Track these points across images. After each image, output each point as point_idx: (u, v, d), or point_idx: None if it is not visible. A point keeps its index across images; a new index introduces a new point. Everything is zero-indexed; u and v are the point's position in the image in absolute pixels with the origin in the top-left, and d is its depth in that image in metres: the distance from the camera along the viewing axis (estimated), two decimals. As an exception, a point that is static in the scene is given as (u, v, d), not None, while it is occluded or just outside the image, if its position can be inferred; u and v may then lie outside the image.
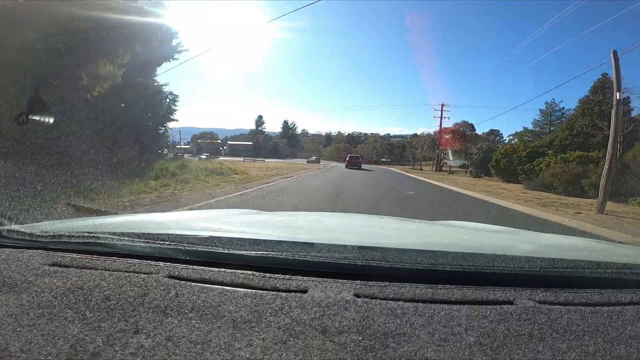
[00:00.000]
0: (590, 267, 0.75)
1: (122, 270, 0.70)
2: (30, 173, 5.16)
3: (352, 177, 17.00)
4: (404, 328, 0.54)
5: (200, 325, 0.53)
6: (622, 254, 1.01)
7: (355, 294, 0.63)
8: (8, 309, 0.56)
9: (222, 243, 0.77)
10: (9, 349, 0.47)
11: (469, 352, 0.50)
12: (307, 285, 0.66)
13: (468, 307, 0.61)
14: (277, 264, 0.72)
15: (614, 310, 0.63)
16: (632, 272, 0.75)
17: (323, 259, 0.72)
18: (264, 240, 0.80)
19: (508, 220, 6.48)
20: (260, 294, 0.62)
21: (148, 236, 0.79)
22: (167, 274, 0.69)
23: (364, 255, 0.74)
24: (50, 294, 0.60)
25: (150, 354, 0.47)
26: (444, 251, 0.76)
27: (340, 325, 0.54)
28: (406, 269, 0.71)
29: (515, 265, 0.74)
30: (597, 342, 0.54)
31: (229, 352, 0.48)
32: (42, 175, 5.30)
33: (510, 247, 1.05)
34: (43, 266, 0.70)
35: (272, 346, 0.49)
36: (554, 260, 0.76)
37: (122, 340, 0.49)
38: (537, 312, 0.60)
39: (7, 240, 0.82)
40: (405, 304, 0.61)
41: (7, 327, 0.51)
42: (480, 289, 0.67)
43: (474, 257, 0.76)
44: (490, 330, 0.55)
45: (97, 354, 0.47)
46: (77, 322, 0.53)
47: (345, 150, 59.41)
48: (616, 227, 6.16)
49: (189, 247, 0.76)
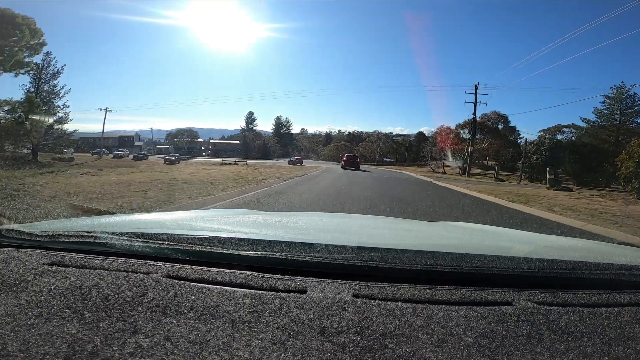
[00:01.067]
0: (589, 268, 0.75)
1: (120, 270, 0.70)
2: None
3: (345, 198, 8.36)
4: (402, 329, 0.55)
5: (199, 325, 0.53)
6: (620, 255, 1.01)
7: (354, 295, 0.63)
8: (6, 308, 0.56)
9: (221, 243, 0.77)
10: (7, 349, 0.47)
11: (468, 353, 0.50)
12: (306, 285, 0.66)
13: (467, 307, 0.61)
14: (276, 264, 0.72)
15: (613, 312, 0.63)
16: (630, 273, 0.75)
17: (322, 259, 0.73)
18: (263, 240, 0.80)
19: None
20: (259, 294, 0.62)
21: (147, 236, 0.79)
22: (165, 273, 0.69)
23: (363, 256, 0.74)
24: (48, 294, 0.60)
25: (149, 353, 0.47)
26: (442, 252, 0.76)
27: (339, 326, 0.54)
28: (405, 269, 0.71)
29: (514, 266, 0.74)
30: (596, 344, 0.54)
31: (227, 352, 0.48)
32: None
33: (509, 248, 1.05)
34: (42, 265, 0.70)
35: (271, 346, 0.49)
36: (552, 262, 0.76)
37: (120, 340, 0.49)
38: (535, 313, 0.60)
39: (6, 239, 0.82)
40: (404, 304, 0.61)
41: (5, 326, 0.51)
42: (479, 290, 0.67)
43: (472, 258, 0.76)
44: (488, 331, 0.55)
45: (96, 354, 0.47)
46: (76, 321, 0.53)
47: (345, 149, 54.14)
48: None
49: (188, 247, 0.76)
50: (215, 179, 12.71)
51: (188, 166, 19.72)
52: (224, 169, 21.03)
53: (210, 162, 29.83)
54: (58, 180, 10.73)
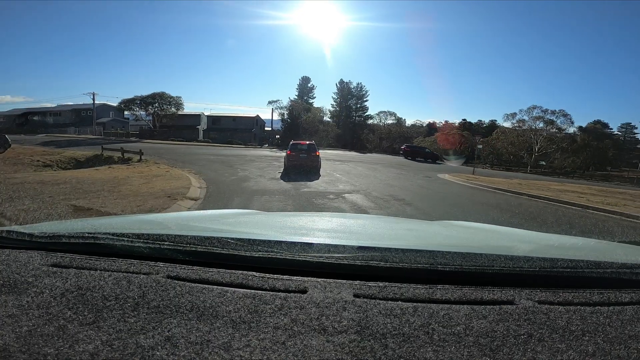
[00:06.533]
0: (590, 266, 0.75)
1: (121, 270, 0.70)
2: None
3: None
4: (403, 328, 0.55)
5: (199, 325, 0.54)
6: (622, 253, 1.01)
7: (355, 294, 0.63)
8: (7, 309, 0.56)
9: (221, 243, 0.77)
10: (8, 350, 0.47)
11: (468, 353, 0.50)
12: (306, 285, 0.66)
13: (467, 307, 0.61)
14: (276, 264, 0.72)
15: (614, 310, 0.63)
16: (631, 271, 0.75)
17: (322, 259, 0.72)
18: (263, 240, 0.80)
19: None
20: (260, 295, 0.62)
21: (147, 237, 0.80)
22: (166, 274, 0.69)
23: (363, 256, 0.74)
24: (49, 295, 0.60)
25: (149, 354, 0.47)
26: (443, 251, 0.76)
27: (339, 326, 0.54)
28: (405, 269, 0.71)
29: (514, 265, 0.73)
30: (597, 342, 0.54)
31: (227, 352, 0.48)
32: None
33: (509, 247, 1.05)
34: (42, 267, 0.71)
35: (271, 346, 0.50)
36: (553, 260, 0.76)
37: (121, 341, 0.50)
38: (536, 312, 0.60)
39: (7, 240, 0.82)
40: (405, 304, 0.61)
41: (6, 327, 0.51)
42: (480, 289, 0.67)
43: (473, 257, 0.76)
44: (489, 330, 0.55)
45: (96, 354, 0.47)
46: (76, 322, 0.53)
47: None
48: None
49: (188, 248, 0.76)
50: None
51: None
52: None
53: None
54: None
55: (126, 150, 15.14)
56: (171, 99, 42.50)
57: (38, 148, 20.26)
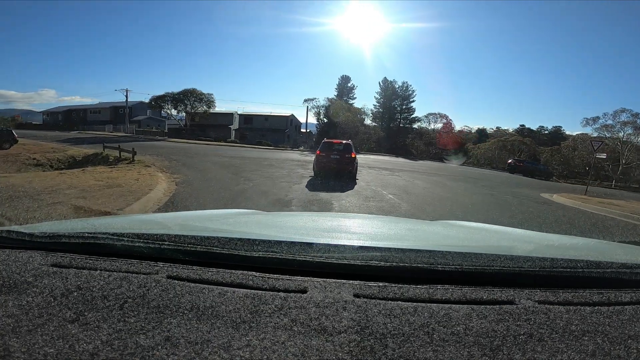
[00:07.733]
0: (590, 266, 0.75)
1: (121, 270, 0.70)
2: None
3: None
4: (403, 328, 0.55)
5: (199, 325, 0.54)
6: (621, 253, 1.02)
7: (355, 294, 0.64)
8: (7, 309, 0.56)
9: (221, 243, 0.77)
10: (8, 350, 0.47)
11: (468, 352, 0.50)
12: (307, 285, 0.66)
13: (467, 307, 0.61)
14: (276, 264, 0.73)
15: (614, 310, 0.63)
16: (631, 271, 0.75)
17: (322, 259, 0.73)
18: (263, 240, 0.80)
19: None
20: (260, 294, 0.62)
21: (147, 236, 0.80)
22: (166, 274, 0.69)
23: (363, 256, 0.74)
24: (49, 295, 0.60)
25: (149, 354, 0.47)
26: (443, 251, 0.76)
27: (339, 326, 0.55)
28: (405, 269, 0.71)
29: (514, 265, 0.74)
30: (597, 342, 0.54)
31: (227, 352, 0.48)
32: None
33: (510, 247, 1.06)
34: (42, 267, 0.70)
35: (271, 346, 0.50)
36: (553, 260, 0.76)
37: (121, 341, 0.49)
38: (536, 312, 0.61)
39: (7, 240, 0.82)
40: (405, 304, 0.61)
41: (6, 327, 0.51)
42: (480, 289, 0.67)
43: (473, 257, 0.76)
44: (489, 330, 0.55)
45: (96, 354, 0.47)
46: (77, 322, 0.53)
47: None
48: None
49: (188, 248, 0.76)
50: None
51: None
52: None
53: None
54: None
55: (123, 150, 13.96)
56: (202, 96, 40.17)
57: (51, 145, 20.17)
